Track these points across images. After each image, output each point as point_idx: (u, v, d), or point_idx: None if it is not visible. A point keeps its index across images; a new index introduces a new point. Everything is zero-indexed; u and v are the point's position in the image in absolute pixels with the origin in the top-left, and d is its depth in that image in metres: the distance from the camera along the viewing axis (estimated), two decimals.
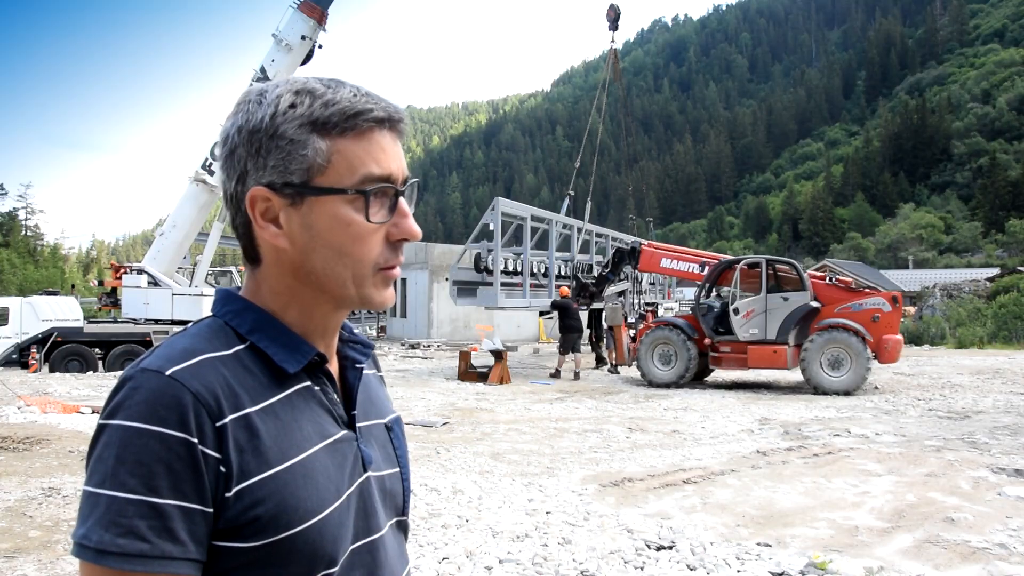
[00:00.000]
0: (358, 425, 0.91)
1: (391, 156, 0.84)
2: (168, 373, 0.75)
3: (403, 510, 0.98)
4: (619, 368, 16.20)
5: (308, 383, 0.86)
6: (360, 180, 0.82)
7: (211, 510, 0.74)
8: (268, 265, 0.86)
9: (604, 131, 38.79)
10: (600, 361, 17.66)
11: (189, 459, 0.73)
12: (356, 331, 1.00)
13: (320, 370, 0.88)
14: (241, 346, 0.83)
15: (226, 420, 0.76)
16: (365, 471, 0.89)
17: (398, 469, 0.97)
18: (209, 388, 0.76)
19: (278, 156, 0.81)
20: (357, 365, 0.94)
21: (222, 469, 0.75)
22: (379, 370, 1.09)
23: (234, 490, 0.75)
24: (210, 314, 0.89)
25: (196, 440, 0.74)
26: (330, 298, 0.86)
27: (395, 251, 0.86)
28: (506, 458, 7.34)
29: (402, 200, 0.85)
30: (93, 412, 9.57)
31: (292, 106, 0.81)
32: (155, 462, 0.72)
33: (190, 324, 0.88)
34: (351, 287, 0.84)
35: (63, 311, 17.83)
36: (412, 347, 24.07)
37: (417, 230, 0.86)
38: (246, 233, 0.86)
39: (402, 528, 0.99)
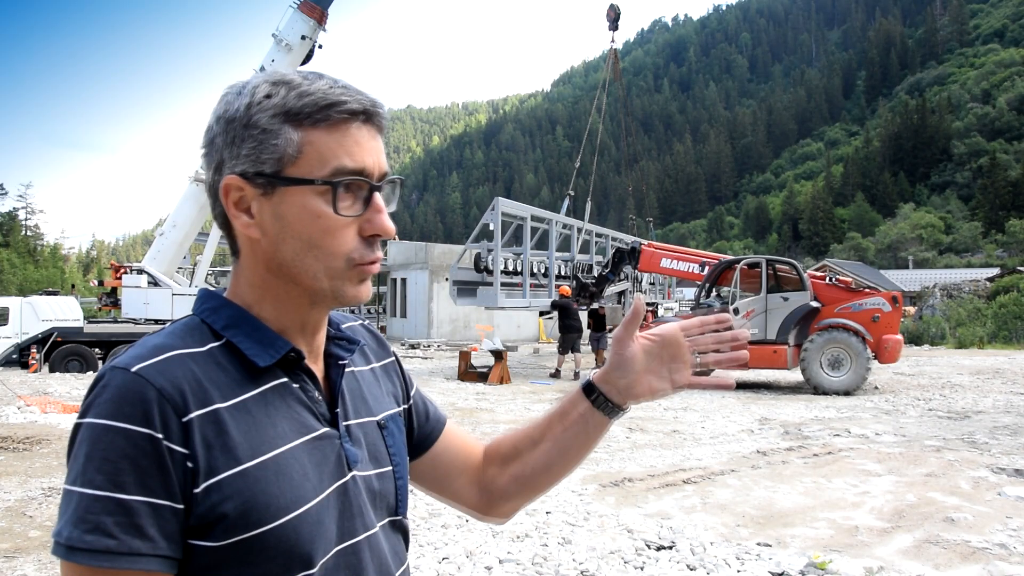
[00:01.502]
0: (343, 424, 0.89)
1: (366, 150, 0.82)
2: (134, 370, 0.75)
3: (397, 510, 0.95)
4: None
5: (285, 380, 0.85)
6: (331, 172, 0.80)
7: (181, 506, 0.74)
8: (244, 256, 0.86)
9: (604, 131, 38.80)
10: (601, 362, 17.66)
11: (155, 455, 0.73)
12: (346, 327, 0.98)
13: (299, 367, 0.86)
14: (216, 343, 0.83)
15: (191, 416, 0.75)
16: (349, 470, 0.87)
17: (390, 468, 0.94)
18: (175, 383, 0.76)
19: (250, 145, 0.80)
20: (340, 362, 0.93)
21: (189, 464, 0.74)
22: (389, 355, 1.06)
23: (202, 486, 0.75)
24: (190, 313, 0.88)
25: (161, 436, 0.73)
26: (303, 292, 0.85)
27: (370, 247, 0.84)
28: None
29: (377, 195, 0.84)
30: None
31: (268, 96, 0.80)
32: (121, 458, 0.72)
33: (168, 323, 0.88)
34: (323, 280, 0.83)
35: (63, 311, 17.84)
36: (412, 347, 24.07)
37: (390, 226, 0.85)
38: (225, 224, 0.85)
39: (398, 529, 0.96)
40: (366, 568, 0.87)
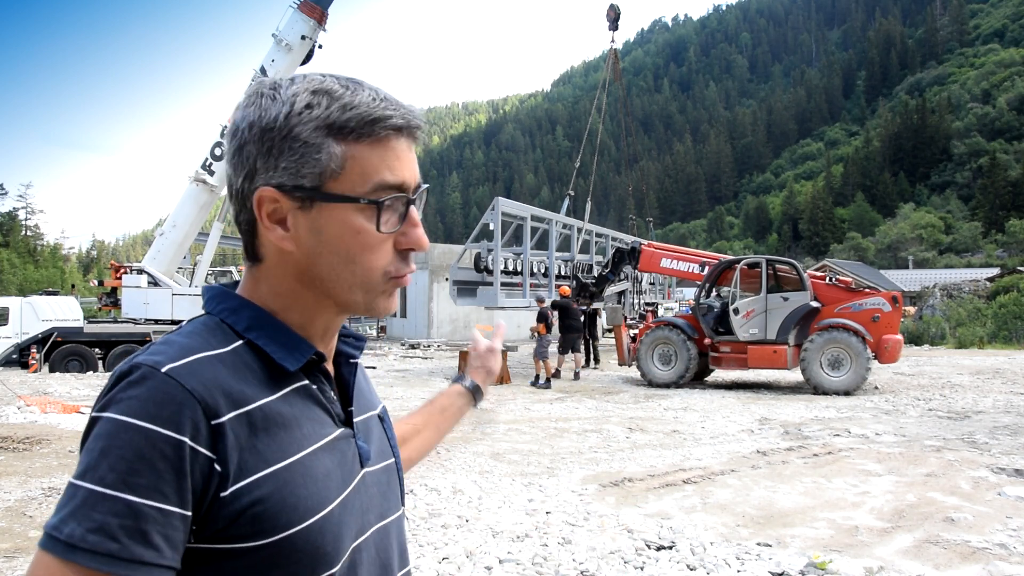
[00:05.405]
0: (355, 420, 0.90)
1: (405, 164, 0.82)
2: (165, 370, 0.73)
3: (401, 501, 0.98)
4: (579, 374, 15.17)
5: (306, 382, 0.85)
6: (373, 188, 0.80)
7: (190, 514, 0.72)
8: (271, 266, 0.84)
9: (604, 131, 38.80)
10: (596, 360, 17.67)
11: (175, 459, 0.70)
12: (346, 325, 0.99)
13: (318, 369, 0.87)
14: (238, 343, 0.81)
15: (223, 419, 0.74)
16: (362, 467, 0.89)
17: (392, 460, 0.97)
18: (206, 386, 0.74)
19: (291, 158, 0.78)
20: (351, 360, 0.94)
21: (218, 468, 0.73)
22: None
23: (231, 489, 0.73)
24: (203, 312, 0.86)
25: (187, 439, 0.71)
26: (333, 303, 0.84)
27: (404, 260, 0.85)
28: (506, 458, 7.33)
29: (413, 209, 0.84)
30: None
31: (308, 107, 0.78)
32: (137, 459, 0.69)
33: (184, 322, 0.85)
34: (358, 294, 0.83)
35: (63, 311, 17.84)
36: (412, 347, 24.07)
37: (426, 241, 0.85)
38: (250, 231, 0.84)
39: (402, 519, 0.99)
40: (374, 561, 0.88)
